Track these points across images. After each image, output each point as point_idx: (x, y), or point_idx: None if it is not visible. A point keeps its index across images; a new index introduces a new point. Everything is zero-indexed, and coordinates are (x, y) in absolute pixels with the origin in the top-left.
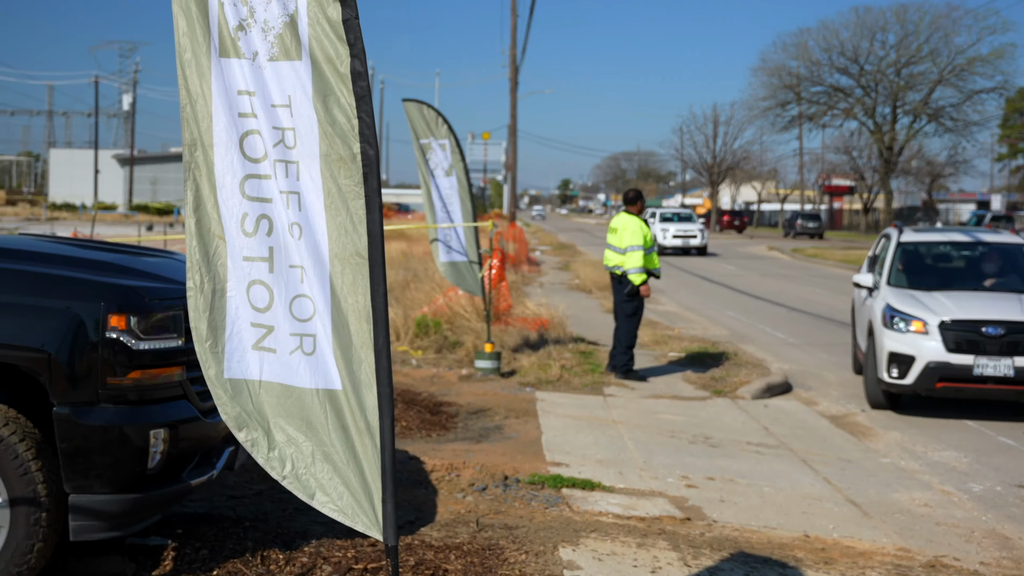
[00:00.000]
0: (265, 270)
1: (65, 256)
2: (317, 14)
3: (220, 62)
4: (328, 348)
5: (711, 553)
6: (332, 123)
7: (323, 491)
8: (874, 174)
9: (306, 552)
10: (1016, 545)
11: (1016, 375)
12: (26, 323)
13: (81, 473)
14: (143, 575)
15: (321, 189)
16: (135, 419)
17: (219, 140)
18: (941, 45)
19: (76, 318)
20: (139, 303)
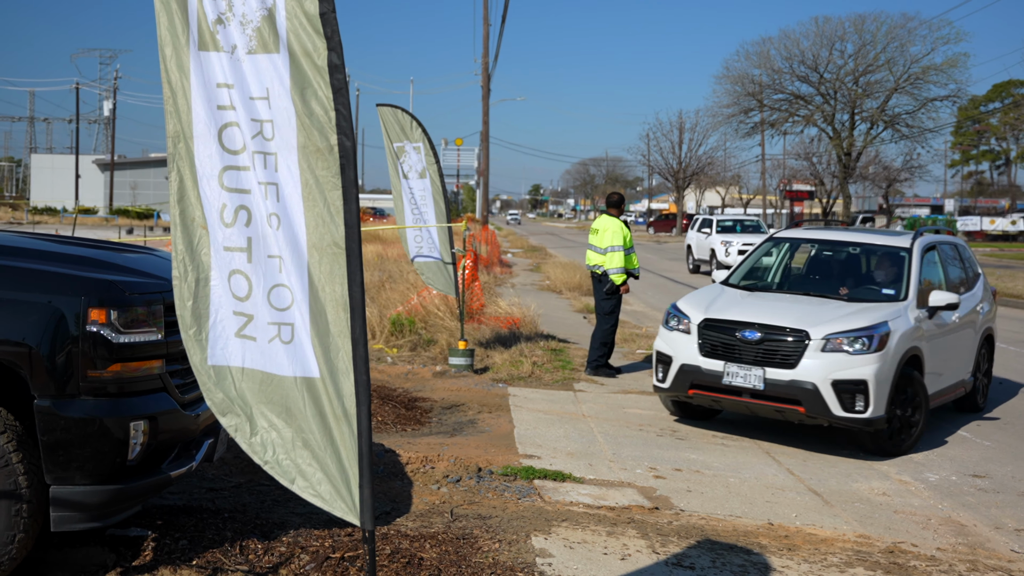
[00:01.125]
0: (244, 260)
1: (46, 251)
2: (295, 8)
3: (199, 55)
4: (306, 336)
5: (679, 540)
6: (310, 115)
7: (303, 476)
8: (833, 179)
9: (284, 542)
10: (971, 532)
11: (767, 388)
12: (7, 317)
13: (62, 465)
14: (124, 566)
15: (299, 180)
16: (115, 411)
17: (199, 132)
18: (897, 54)
19: (57, 312)
20: (120, 297)
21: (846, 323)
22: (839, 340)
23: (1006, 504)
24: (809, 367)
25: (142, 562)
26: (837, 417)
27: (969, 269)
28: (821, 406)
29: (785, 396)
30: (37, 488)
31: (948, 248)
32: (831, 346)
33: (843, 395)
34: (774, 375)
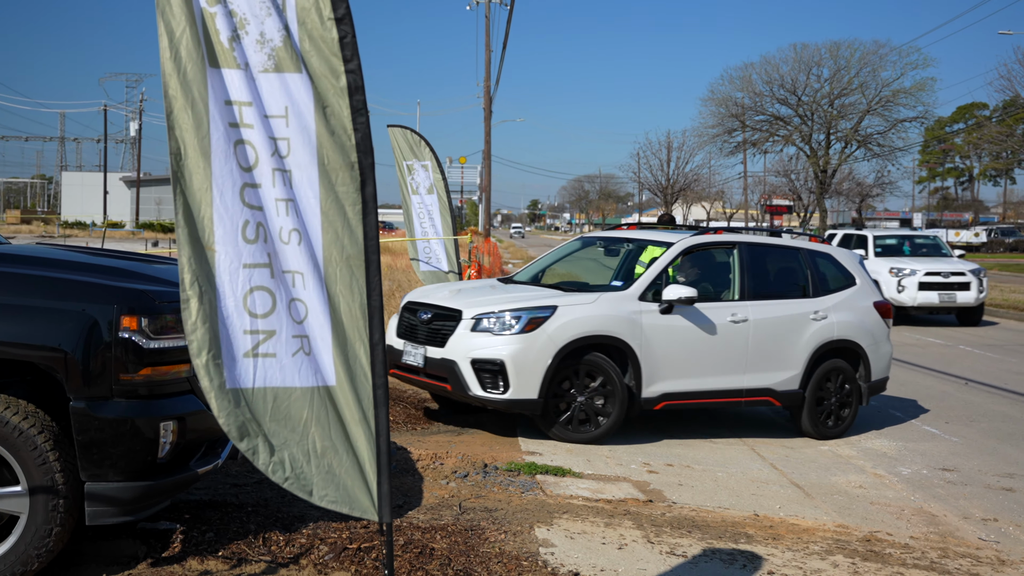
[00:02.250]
0: (267, 276)
1: (80, 263)
2: (315, 31)
3: (212, 72)
4: (324, 346)
5: (672, 531)
6: (331, 133)
7: (320, 487)
8: (810, 195)
9: (304, 534)
10: (941, 521)
11: (425, 366)
12: (44, 324)
13: (96, 462)
14: (154, 557)
15: (318, 195)
16: (146, 412)
17: (216, 149)
18: (869, 79)
19: (91, 319)
20: (150, 305)
21: (504, 305)
22: (487, 320)
23: (973, 496)
24: (454, 345)
25: (171, 553)
26: (475, 396)
27: (822, 277)
28: (461, 384)
29: (436, 373)
30: (72, 484)
31: (770, 252)
32: (480, 326)
33: (482, 374)
34: (431, 353)
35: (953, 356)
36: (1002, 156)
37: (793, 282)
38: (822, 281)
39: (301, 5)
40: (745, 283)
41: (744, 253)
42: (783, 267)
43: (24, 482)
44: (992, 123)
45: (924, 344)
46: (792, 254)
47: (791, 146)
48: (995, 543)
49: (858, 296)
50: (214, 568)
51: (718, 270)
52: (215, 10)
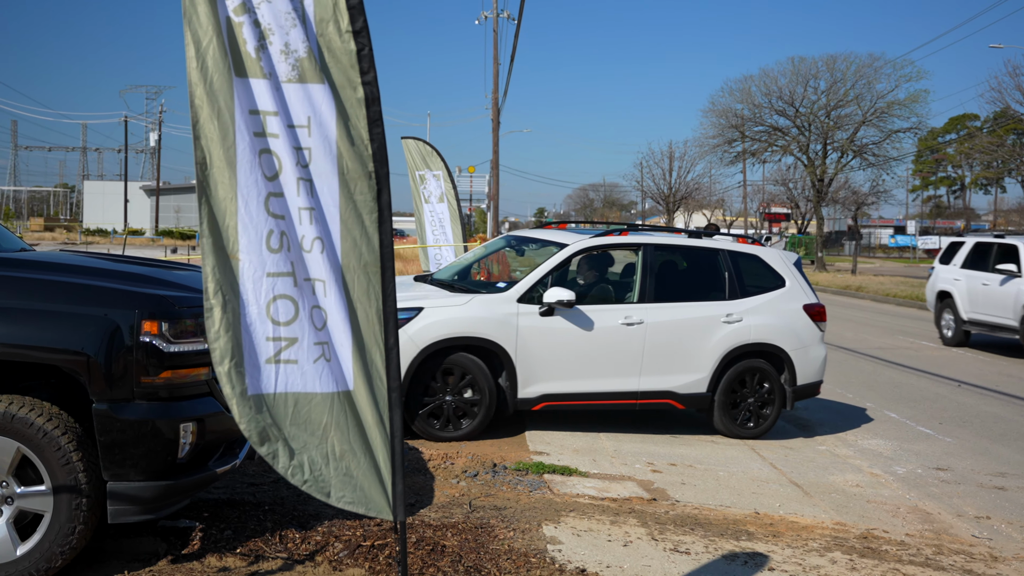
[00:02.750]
0: (291, 284)
1: (102, 269)
2: (335, 44)
3: (238, 81)
4: (344, 352)
5: (675, 529)
6: (351, 144)
7: (338, 489)
8: (807, 203)
9: (319, 531)
10: (936, 519)
11: None
12: (68, 329)
13: (118, 462)
14: (174, 554)
15: (338, 204)
16: (166, 414)
17: (243, 158)
18: (865, 91)
19: (113, 324)
20: (170, 310)
21: None
22: None
23: (966, 494)
24: None
25: (191, 551)
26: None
27: (741, 279)
28: None
29: None
30: (95, 484)
31: (682, 254)
32: None
33: None
34: None
35: (946, 359)
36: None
37: (707, 284)
38: (741, 283)
39: (320, 17)
40: (647, 285)
41: (649, 255)
42: (697, 269)
43: (48, 481)
44: (983, 134)
45: (918, 347)
46: (710, 256)
47: (789, 156)
48: (988, 540)
49: (785, 298)
50: (232, 565)
51: (621, 272)
52: (242, 20)
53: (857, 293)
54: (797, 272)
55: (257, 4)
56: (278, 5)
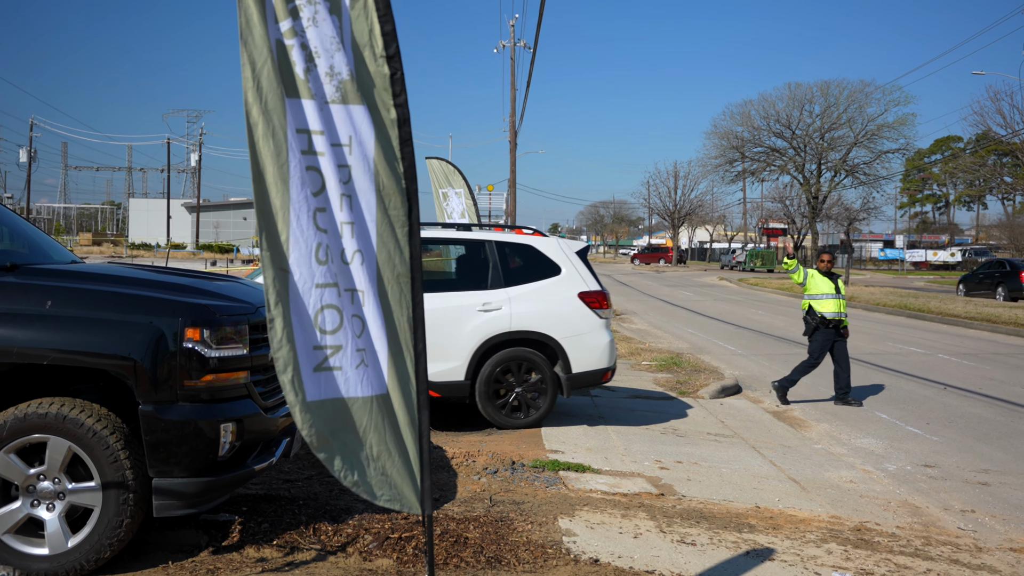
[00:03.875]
0: (335, 294)
1: (148, 280)
2: (372, 67)
3: (290, 101)
4: (380, 358)
5: (682, 522)
6: (386, 161)
7: (378, 488)
8: (803, 218)
9: (350, 524)
10: (924, 512)
11: None
12: (117, 336)
13: (163, 460)
14: (215, 545)
15: (375, 219)
16: (208, 415)
17: (294, 175)
18: (856, 114)
19: (159, 331)
20: (211, 318)
21: None
22: None
23: (952, 489)
24: None
25: (230, 542)
26: None
27: (507, 268)
28: None
29: None
30: (141, 480)
31: (443, 246)
32: None
33: None
34: None
35: (932, 364)
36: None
37: (470, 275)
38: (506, 272)
39: (359, 42)
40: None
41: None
42: (462, 261)
43: (98, 478)
44: (966, 154)
45: (906, 353)
46: (475, 247)
47: (786, 175)
48: (972, 532)
49: (557, 286)
50: (269, 556)
51: None
52: (292, 42)
53: (850, 303)
54: (578, 261)
55: (305, 28)
56: (324, 29)
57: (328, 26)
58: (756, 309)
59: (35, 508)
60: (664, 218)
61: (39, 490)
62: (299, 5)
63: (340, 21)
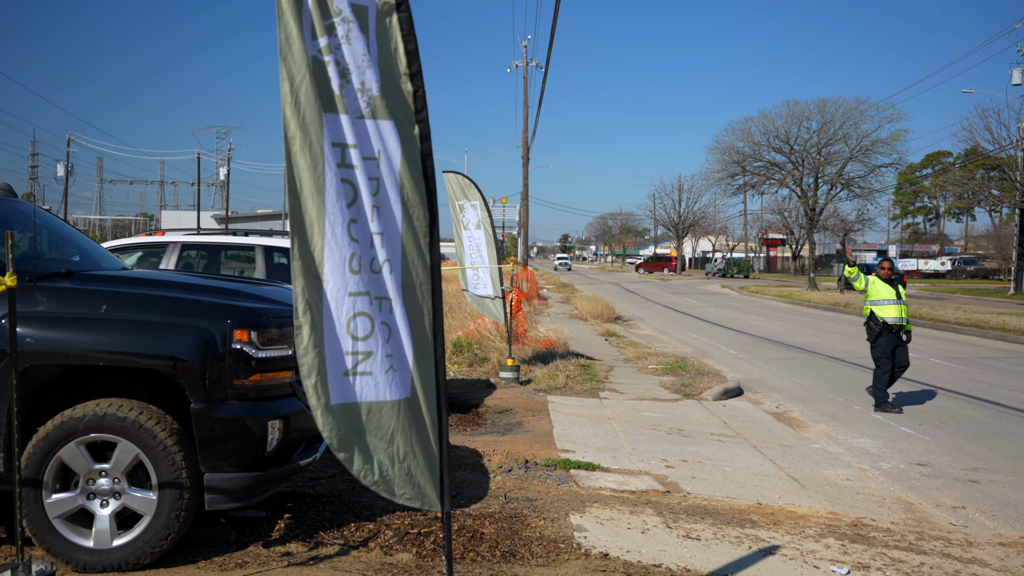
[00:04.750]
0: (367, 303)
1: (196, 284)
2: (397, 84)
3: (326, 116)
4: (407, 362)
5: (687, 517)
6: (410, 175)
7: (399, 487)
8: (801, 229)
9: (371, 520)
10: (917, 508)
11: None
12: (169, 338)
13: (214, 456)
14: (243, 540)
15: (400, 229)
16: (256, 413)
17: (329, 187)
18: (851, 130)
19: (209, 333)
20: (258, 320)
21: None
22: None
23: (944, 487)
24: None
25: (258, 536)
26: None
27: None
28: None
29: None
30: (194, 476)
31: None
32: None
33: None
34: None
35: (925, 367)
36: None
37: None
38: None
39: (385, 61)
40: None
41: None
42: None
43: (155, 481)
44: (956, 169)
45: None
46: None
47: (785, 188)
48: (963, 527)
49: None
50: (294, 550)
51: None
52: (328, 58)
53: (845, 309)
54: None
55: (340, 45)
56: (356, 47)
57: (360, 44)
58: (757, 316)
59: (90, 501)
60: (669, 229)
61: (97, 485)
62: (335, 23)
63: (368, 39)
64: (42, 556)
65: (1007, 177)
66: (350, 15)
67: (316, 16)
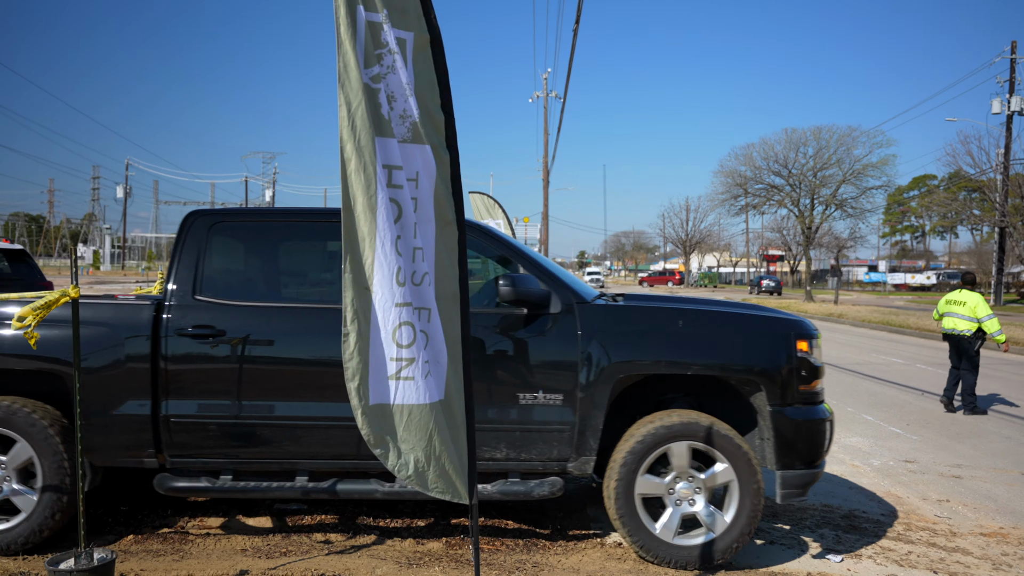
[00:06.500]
0: (411, 312)
1: (732, 303)
2: (429, 113)
3: (379, 140)
4: (441, 368)
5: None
6: (443, 195)
7: (433, 481)
8: (798, 246)
9: (405, 513)
10: (905, 502)
11: None
12: (747, 349)
13: (787, 455)
14: (286, 528)
15: (434, 245)
16: (817, 415)
17: (381, 205)
18: (844, 155)
19: (781, 344)
20: (811, 333)
21: None
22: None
23: (929, 482)
24: None
25: (299, 526)
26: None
27: None
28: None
29: None
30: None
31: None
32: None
33: None
34: None
35: (912, 373)
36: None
37: None
38: None
39: (420, 92)
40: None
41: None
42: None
43: (728, 464)
44: (940, 191)
45: (888, 363)
46: None
47: (783, 208)
48: (948, 519)
49: None
50: (334, 539)
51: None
52: (378, 87)
53: (839, 320)
54: None
55: (387, 74)
56: (400, 76)
57: (403, 74)
58: None
59: (682, 507)
60: (677, 246)
61: (678, 491)
62: (382, 53)
63: (407, 70)
64: (104, 546)
65: (987, 198)
66: (395, 47)
67: (369, 47)
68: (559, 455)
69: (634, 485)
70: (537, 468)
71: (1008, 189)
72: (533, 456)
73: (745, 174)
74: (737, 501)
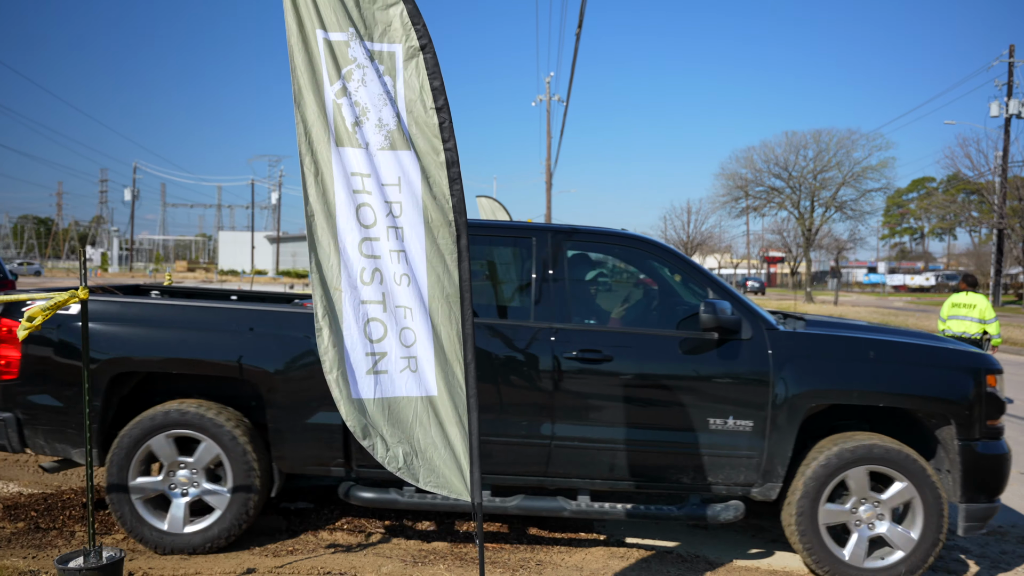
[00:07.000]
0: (380, 310)
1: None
2: (421, 117)
3: (337, 151)
4: (428, 365)
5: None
6: (434, 199)
7: (424, 474)
8: (798, 248)
9: (411, 513)
10: None
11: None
12: (938, 382)
13: (973, 488)
14: (293, 528)
15: (424, 247)
16: (1002, 449)
17: (340, 211)
18: (844, 158)
19: (971, 379)
20: (999, 368)
21: None
22: None
23: None
24: None
25: (307, 527)
26: None
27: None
28: None
29: None
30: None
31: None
32: None
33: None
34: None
35: None
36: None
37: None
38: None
39: (409, 98)
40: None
41: None
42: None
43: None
44: (939, 193)
45: None
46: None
47: (784, 210)
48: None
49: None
50: (340, 539)
51: None
52: (342, 101)
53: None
54: None
55: (355, 89)
56: (372, 88)
57: (376, 86)
58: None
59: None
60: (679, 247)
61: (861, 515)
62: (351, 70)
63: (386, 81)
64: (113, 544)
65: (985, 200)
66: (365, 61)
67: (330, 66)
68: (745, 480)
69: (818, 513)
70: (721, 492)
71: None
72: (719, 480)
73: (746, 176)
74: (922, 517)
